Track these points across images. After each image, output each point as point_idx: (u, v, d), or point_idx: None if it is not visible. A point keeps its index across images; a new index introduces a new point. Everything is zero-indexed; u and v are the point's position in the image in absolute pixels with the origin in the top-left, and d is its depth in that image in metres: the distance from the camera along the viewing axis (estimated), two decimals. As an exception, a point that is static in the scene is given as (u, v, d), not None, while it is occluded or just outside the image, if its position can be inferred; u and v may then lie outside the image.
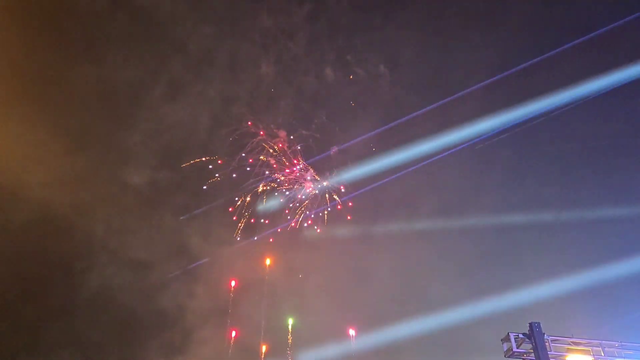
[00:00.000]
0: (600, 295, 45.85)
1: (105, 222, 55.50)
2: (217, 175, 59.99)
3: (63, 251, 53.61)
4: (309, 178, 60.76)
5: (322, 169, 61.46)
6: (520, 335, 26.69)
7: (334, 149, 60.75)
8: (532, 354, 26.36)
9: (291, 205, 60.92)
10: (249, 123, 60.01)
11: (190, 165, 59.14)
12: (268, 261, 60.25)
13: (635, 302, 43.37)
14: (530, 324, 26.70)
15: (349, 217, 61.37)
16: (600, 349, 27.71)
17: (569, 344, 27.54)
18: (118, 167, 56.43)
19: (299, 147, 60.41)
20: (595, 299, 45.70)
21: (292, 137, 60.71)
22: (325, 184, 61.23)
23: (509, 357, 26.94)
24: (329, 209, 61.23)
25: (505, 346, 26.96)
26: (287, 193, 60.79)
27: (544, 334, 26.54)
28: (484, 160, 58.11)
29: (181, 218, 59.69)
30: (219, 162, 59.83)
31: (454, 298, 50.99)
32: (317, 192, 61.11)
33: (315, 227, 61.18)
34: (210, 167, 59.73)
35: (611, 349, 27.85)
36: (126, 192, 56.42)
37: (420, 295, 53.57)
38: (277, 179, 60.47)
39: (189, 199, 59.60)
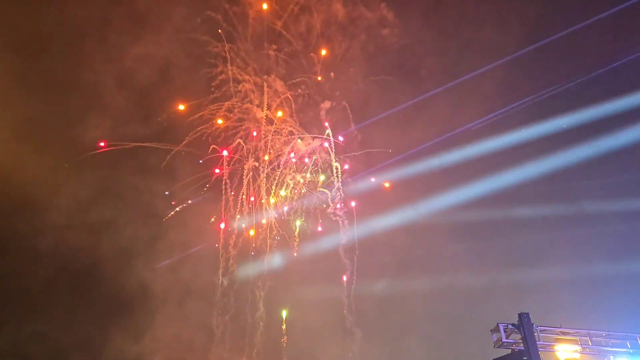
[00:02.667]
0: (588, 285, 46.34)
1: (62, 179, 48.24)
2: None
3: (12, 212, 47.35)
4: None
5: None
6: (510, 326, 26.96)
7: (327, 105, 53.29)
8: (521, 344, 26.68)
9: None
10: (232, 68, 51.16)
11: (163, 118, 50.95)
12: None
13: (622, 292, 43.95)
14: (520, 315, 26.93)
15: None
16: (588, 338, 28.09)
17: (558, 334, 27.90)
18: (79, 118, 48.59)
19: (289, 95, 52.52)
20: (583, 288, 46.17)
21: (279, 88, 52.26)
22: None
23: (498, 347, 27.22)
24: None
25: (495, 337, 27.24)
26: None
27: (532, 324, 26.85)
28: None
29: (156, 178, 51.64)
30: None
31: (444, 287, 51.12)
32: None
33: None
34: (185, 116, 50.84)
35: (598, 339, 28.21)
36: (88, 146, 49.11)
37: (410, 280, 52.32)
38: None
39: (161, 157, 51.49)
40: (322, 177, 53.65)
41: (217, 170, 52.57)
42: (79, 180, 49.34)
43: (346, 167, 54.36)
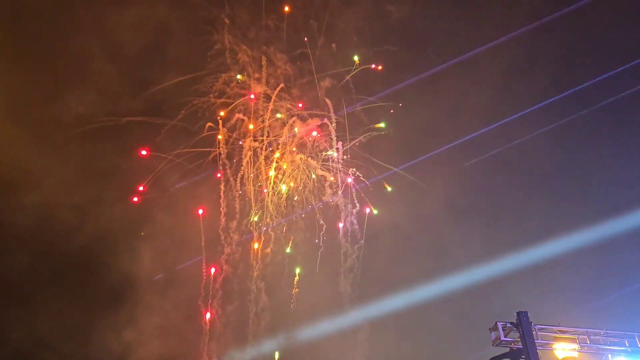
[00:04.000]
0: (586, 283, 46.33)
1: (45, 159, 44.11)
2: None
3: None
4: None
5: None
6: (508, 324, 26.96)
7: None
8: (520, 343, 26.67)
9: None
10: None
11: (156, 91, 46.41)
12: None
13: (620, 290, 43.98)
14: (518, 313, 26.94)
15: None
16: (586, 336, 28.07)
17: (556, 333, 27.93)
18: (62, 92, 43.90)
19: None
20: (582, 286, 46.18)
21: (278, 62, 48.23)
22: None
23: (496, 345, 27.25)
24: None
25: (493, 335, 27.24)
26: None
27: (531, 322, 26.87)
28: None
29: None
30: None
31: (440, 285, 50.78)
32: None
33: None
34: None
35: (597, 337, 28.21)
36: (72, 124, 44.83)
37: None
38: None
39: (151, 134, 47.50)
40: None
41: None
42: (62, 159, 45.85)
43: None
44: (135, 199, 49.30)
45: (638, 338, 28.10)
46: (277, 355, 49.72)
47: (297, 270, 50.59)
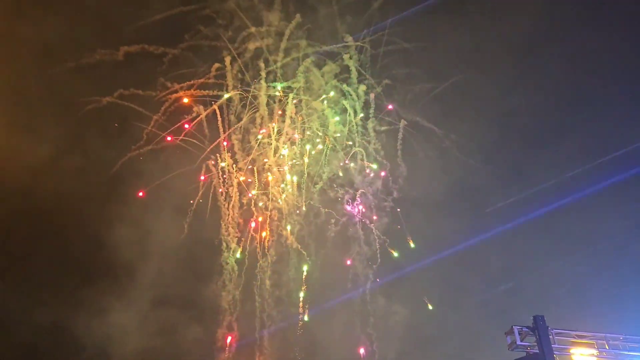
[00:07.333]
0: (604, 287, 45.59)
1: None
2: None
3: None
4: None
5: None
6: (524, 329, 26.72)
7: None
8: (536, 347, 26.44)
9: None
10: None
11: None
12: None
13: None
14: (535, 317, 26.76)
15: None
16: (605, 342, 27.68)
17: (573, 337, 27.61)
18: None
19: None
20: (600, 290, 45.46)
21: None
22: None
23: (512, 350, 27.04)
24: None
25: (509, 339, 27.00)
26: None
27: (548, 327, 26.61)
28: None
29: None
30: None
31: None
32: None
33: None
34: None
35: (615, 342, 27.81)
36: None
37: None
38: None
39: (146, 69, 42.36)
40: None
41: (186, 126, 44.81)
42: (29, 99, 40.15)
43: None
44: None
45: (658, 344, 27.75)
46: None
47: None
